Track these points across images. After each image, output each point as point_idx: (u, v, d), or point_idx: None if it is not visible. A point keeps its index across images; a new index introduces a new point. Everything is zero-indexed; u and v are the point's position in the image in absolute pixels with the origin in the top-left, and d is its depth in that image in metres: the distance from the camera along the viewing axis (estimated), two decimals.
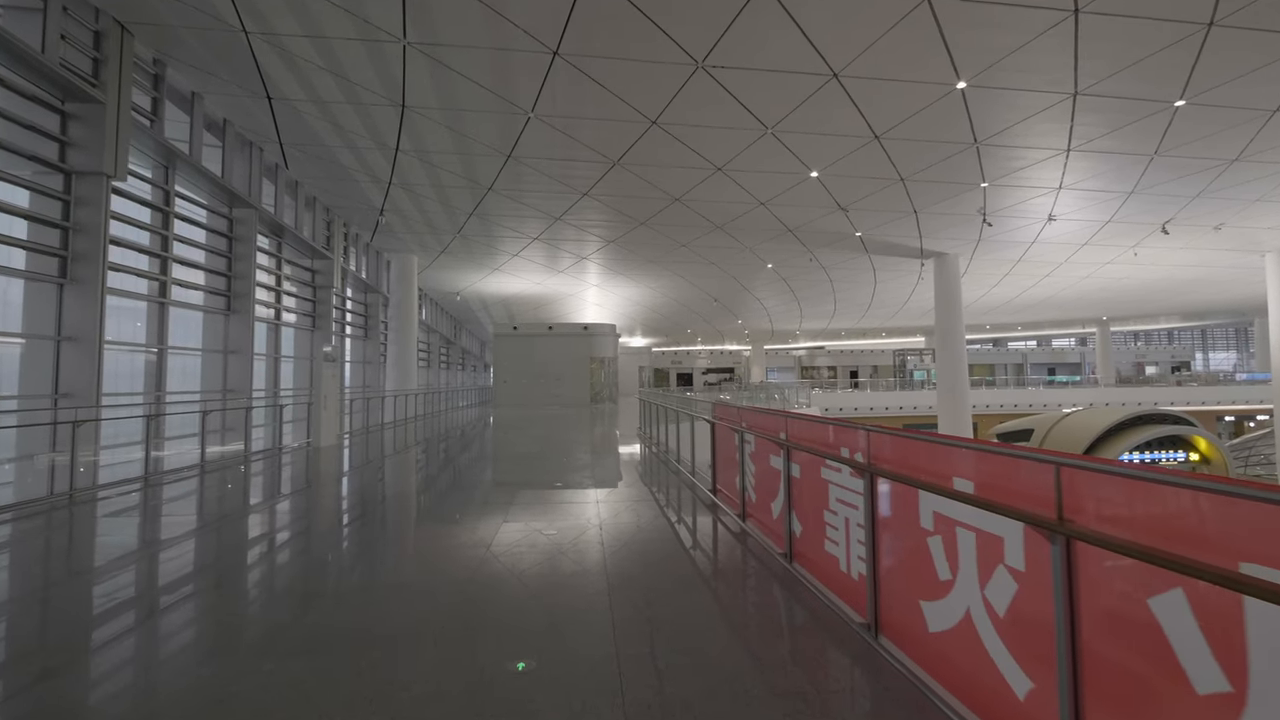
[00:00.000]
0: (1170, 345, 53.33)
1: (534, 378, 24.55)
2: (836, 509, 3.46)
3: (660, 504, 6.09)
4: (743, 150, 11.68)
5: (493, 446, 12.07)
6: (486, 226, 16.45)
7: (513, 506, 5.83)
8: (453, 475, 8.28)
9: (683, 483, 6.80)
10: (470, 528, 5.12)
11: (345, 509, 6.36)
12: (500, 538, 4.74)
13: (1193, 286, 25.81)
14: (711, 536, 5.03)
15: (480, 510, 5.86)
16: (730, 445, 5.41)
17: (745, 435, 5.08)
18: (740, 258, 19.65)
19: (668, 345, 48.46)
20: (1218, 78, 9.40)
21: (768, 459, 4.55)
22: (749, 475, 5.00)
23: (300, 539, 5.04)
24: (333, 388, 10.46)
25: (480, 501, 6.37)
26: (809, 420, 3.83)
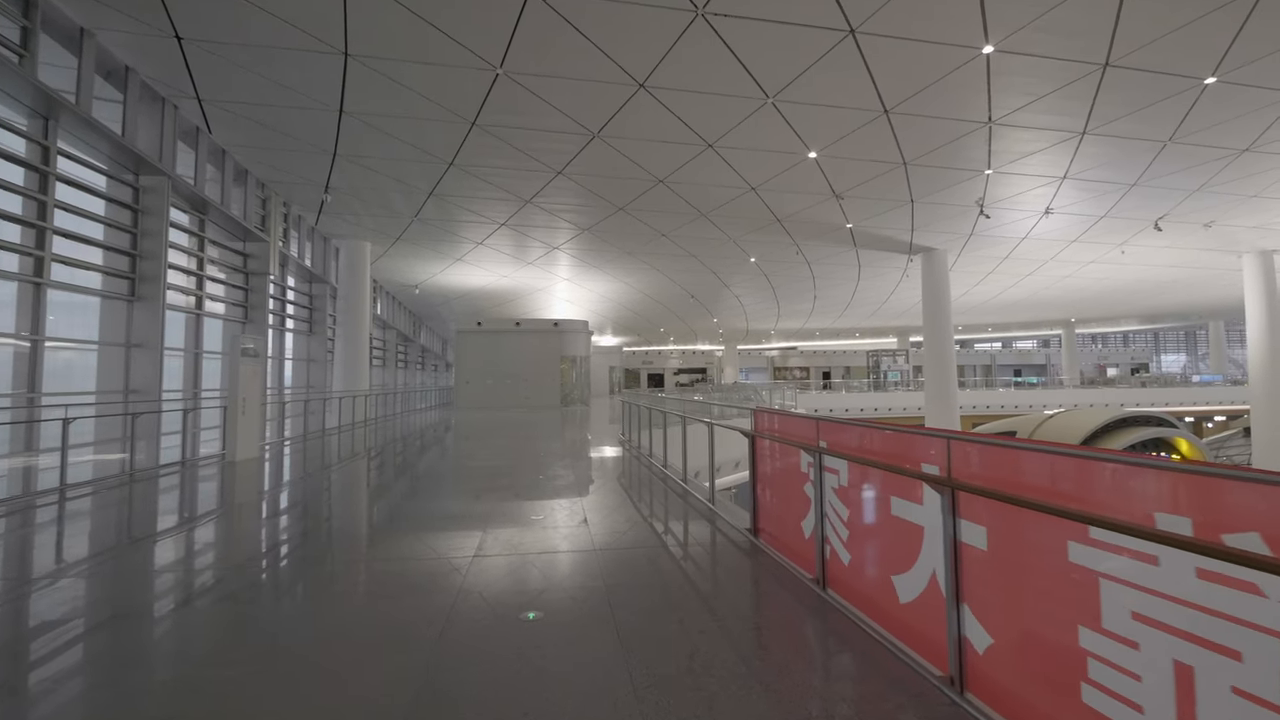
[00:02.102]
0: (1127, 348, 54.67)
1: (500, 378, 22.90)
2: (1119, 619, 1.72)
3: (678, 555, 4.28)
4: (739, 123, 10.47)
5: (449, 460, 10.23)
6: (447, 210, 14.88)
7: (471, 571, 3.73)
8: (390, 508, 5.95)
9: (694, 510, 5.47)
10: (402, 611, 3.18)
11: (214, 568, 4.03)
12: (452, 634, 2.89)
13: (1167, 288, 25.85)
14: (787, 627, 3.11)
15: (421, 576, 3.70)
16: (785, 471, 3.93)
17: (824, 458, 3.36)
18: (722, 250, 18.50)
19: (640, 345, 47.20)
20: (1258, 50, 8.60)
21: (887, 503, 2.84)
22: (835, 522, 3.32)
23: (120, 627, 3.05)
24: (253, 389, 8.77)
25: (421, 558, 4.10)
26: (992, 444, 2.35)
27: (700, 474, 7.04)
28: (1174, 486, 1.42)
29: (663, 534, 4.53)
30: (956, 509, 1.95)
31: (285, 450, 10.95)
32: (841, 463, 2.88)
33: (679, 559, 3.79)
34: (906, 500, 2.41)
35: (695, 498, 5.65)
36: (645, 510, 5.36)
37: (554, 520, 4.87)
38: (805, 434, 3.39)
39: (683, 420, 6.28)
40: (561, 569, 3.67)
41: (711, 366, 50.19)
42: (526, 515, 5.05)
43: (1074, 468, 1.67)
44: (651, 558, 3.80)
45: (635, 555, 3.86)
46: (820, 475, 3.01)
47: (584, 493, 6.01)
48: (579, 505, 5.34)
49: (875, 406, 31.61)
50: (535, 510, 5.30)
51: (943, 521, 1.97)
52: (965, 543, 1.95)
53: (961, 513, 1.95)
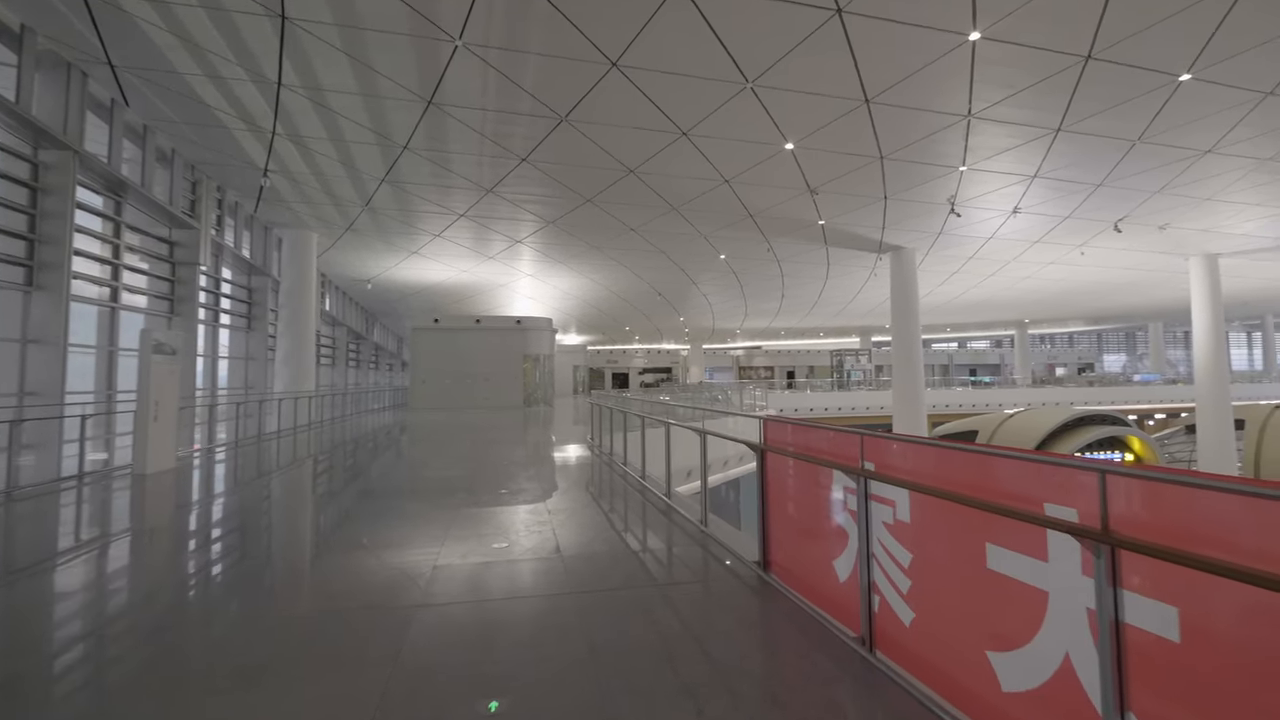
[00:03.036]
0: (1073, 348, 56.78)
1: (458, 377, 21.87)
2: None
3: (674, 598, 3.40)
4: (715, 109, 9.93)
5: (398, 470, 9.08)
6: (402, 198, 13.91)
7: (413, 630, 2.90)
8: (317, 537, 4.93)
9: (682, 533, 4.83)
10: (319, 695, 2.40)
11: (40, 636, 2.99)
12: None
13: (1117, 290, 26.61)
14: (831, 709, 2.35)
15: (346, 642, 2.83)
16: (811, 496, 3.27)
17: (871, 484, 2.63)
18: (692, 246, 18.00)
19: (605, 344, 46.48)
20: (1236, 45, 8.52)
21: (979, 552, 2.09)
22: (888, 567, 2.60)
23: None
24: (168, 390, 7.74)
25: (349, 606, 3.22)
26: (1186, 483, 1.51)
27: (681, 486, 6.46)
28: None
29: (652, 566, 3.90)
30: (1118, 575, 1.39)
31: (213, 459, 9.88)
32: (899, 493, 2.31)
33: (677, 604, 3.12)
34: (1014, 552, 1.82)
35: (681, 515, 5.04)
36: (626, 534, 4.73)
37: (519, 549, 4.17)
38: (842, 451, 2.74)
39: (666, 427, 5.67)
40: (530, 624, 2.96)
41: (677, 366, 49.85)
42: (487, 543, 4.32)
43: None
44: (642, 603, 3.14)
45: (622, 601, 3.20)
46: (866, 506, 2.44)
47: (553, 511, 5.33)
48: (548, 530, 4.66)
49: (839, 406, 31.72)
50: (497, 533, 4.59)
51: (1096, 592, 1.39)
52: (1134, 625, 1.40)
53: (1127, 581, 1.41)
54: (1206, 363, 20.62)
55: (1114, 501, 1.44)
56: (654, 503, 5.65)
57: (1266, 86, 9.66)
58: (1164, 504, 1.36)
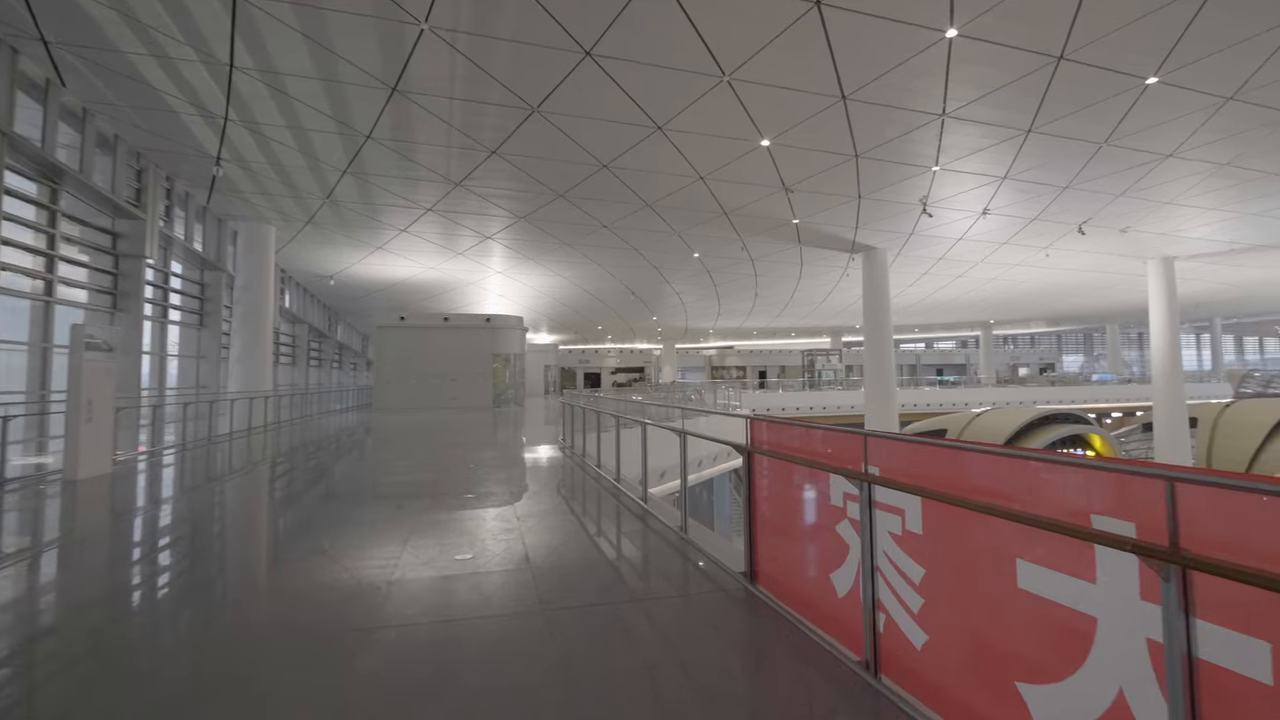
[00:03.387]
0: (1034, 348, 58.38)
1: (425, 377, 21.25)
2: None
3: (655, 613, 3.12)
4: (691, 103, 9.72)
5: (358, 476, 8.47)
6: (366, 191, 13.39)
7: (363, 652, 2.63)
8: (263, 551, 4.52)
9: (660, 539, 4.55)
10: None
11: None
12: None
13: (1077, 291, 27.30)
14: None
15: (286, 679, 2.45)
16: (803, 502, 3.06)
17: (876, 491, 2.34)
18: (666, 244, 17.79)
19: (576, 343, 46.01)
20: (1201, 49, 8.65)
21: (1009, 568, 1.83)
22: (897, 584, 2.32)
23: None
24: (103, 390, 7.17)
25: (289, 637, 2.82)
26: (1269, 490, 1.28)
27: (655, 488, 6.20)
28: None
29: (629, 578, 3.63)
30: (1190, 601, 1.18)
31: (156, 463, 9.28)
32: (910, 500, 2.07)
33: (657, 621, 2.87)
34: (1053, 571, 1.57)
35: (659, 521, 4.79)
36: (601, 541, 4.46)
37: (485, 559, 3.86)
38: (842, 454, 2.50)
39: (642, 427, 5.41)
40: (496, 650, 2.65)
41: (649, 366, 49.66)
42: (450, 553, 4.00)
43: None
44: (621, 620, 2.88)
45: (598, 619, 2.93)
46: (870, 514, 2.21)
47: (523, 517, 5.03)
48: (517, 538, 4.35)
49: (811, 405, 31.93)
50: (462, 542, 4.27)
51: (1164, 621, 1.18)
52: (1211, 662, 1.19)
53: (1201, 609, 1.20)
54: (1163, 363, 21.24)
55: (1185, 514, 1.22)
56: (629, 507, 5.39)
57: (1228, 91, 9.86)
58: (1250, 517, 1.15)
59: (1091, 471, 1.51)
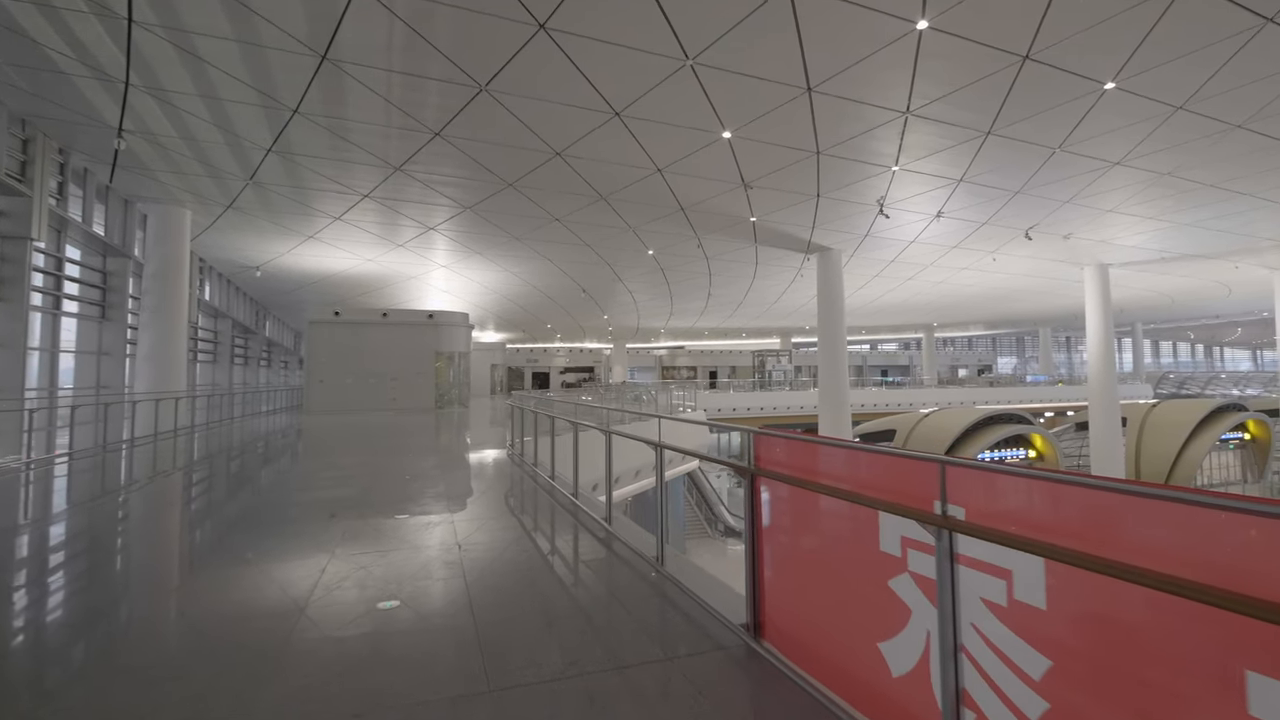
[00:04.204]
0: (972, 351, 60.72)
1: (362, 376, 19.92)
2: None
3: (641, 685, 2.42)
4: (652, 88, 9.15)
5: (275, 490, 7.46)
6: (294, 173, 12.23)
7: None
8: (142, 594, 3.55)
9: (635, 576, 3.81)
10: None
11: None
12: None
13: (1018, 296, 28.22)
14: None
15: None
16: (837, 544, 2.36)
17: (961, 543, 1.72)
18: (620, 241, 17.19)
19: (525, 342, 44.81)
20: (1159, 56, 8.69)
21: (1236, 681, 1.17)
22: (1000, 674, 1.63)
23: None
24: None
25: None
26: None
27: (615, 493, 5.55)
28: None
29: (602, 633, 2.84)
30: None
31: (28, 473, 8.05)
32: (1024, 560, 1.46)
33: (645, 700, 2.23)
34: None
35: (628, 549, 4.10)
36: (560, 575, 3.77)
37: (415, 608, 3.09)
38: (901, 486, 1.87)
39: (606, 435, 4.76)
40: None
41: (599, 365, 48.94)
42: (370, 600, 3.20)
43: None
44: (598, 700, 2.22)
45: (566, 701, 2.23)
46: (951, 574, 1.62)
47: (465, 545, 4.29)
48: (457, 576, 3.57)
49: (761, 406, 31.98)
50: (387, 582, 3.48)
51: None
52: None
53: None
54: (1098, 365, 22.09)
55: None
56: (591, 529, 4.76)
57: (1178, 100, 10.02)
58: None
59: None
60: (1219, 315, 41.92)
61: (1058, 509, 1.49)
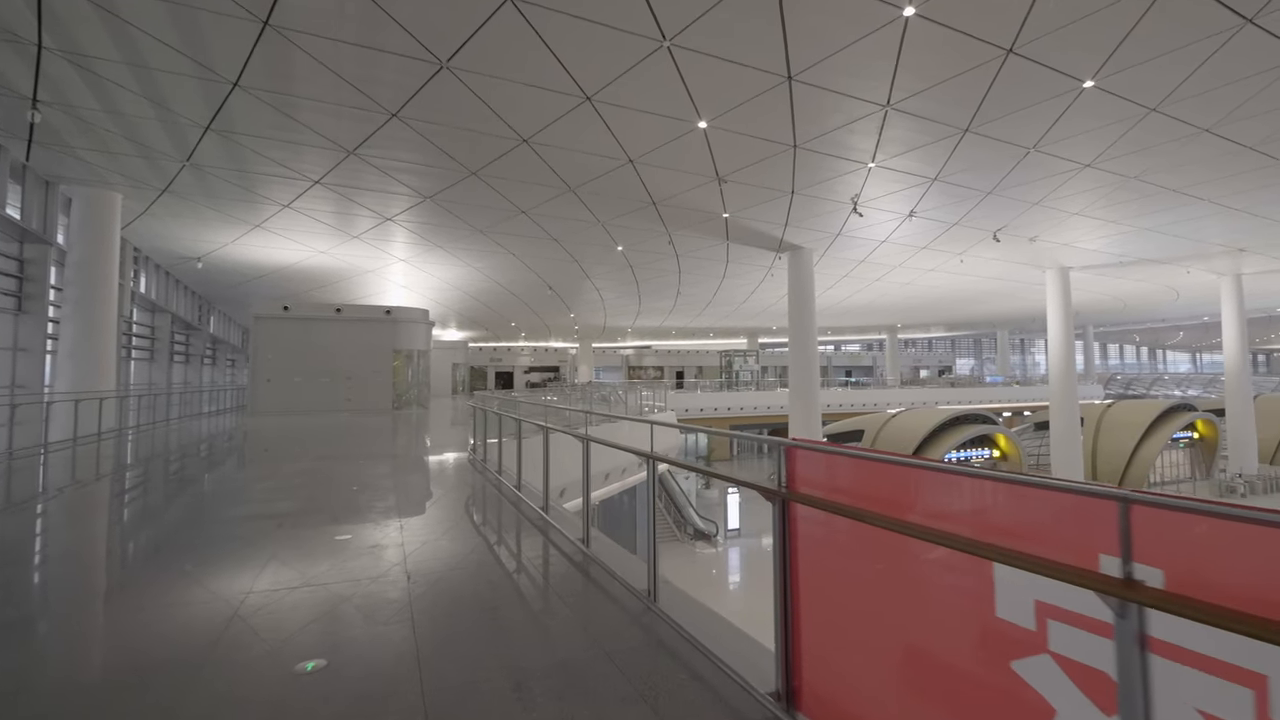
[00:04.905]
0: (932, 352, 62.01)
1: (313, 375, 18.82)
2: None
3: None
4: (626, 70, 8.63)
5: (200, 500, 6.60)
6: (237, 154, 11.30)
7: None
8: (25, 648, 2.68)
9: (618, 610, 3.18)
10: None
11: None
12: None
13: (984, 297, 28.66)
14: None
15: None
16: (914, 595, 1.74)
17: (1147, 614, 1.16)
18: (589, 235, 16.62)
19: (488, 341, 43.70)
20: (1141, 54, 8.58)
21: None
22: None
23: None
24: None
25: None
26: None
27: (574, 503, 4.97)
28: None
29: (589, 700, 2.25)
30: None
31: None
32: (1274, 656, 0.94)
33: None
34: None
35: (611, 578, 3.50)
36: (534, 616, 3.19)
37: (354, 672, 2.47)
38: (1040, 527, 1.36)
39: (584, 444, 4.15)
40: None
41: (565, 365, 48.13)
42: (287, 661, 2.56)
43: None
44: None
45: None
46: (1143, 668, 1.10)
47: (417, 578, 3.58)
48: (405, 622, 2.92)
49: (729, 406, 31.86)
50: (320, 636, 2.80)
51: None
52: None
53: None
54: (1059, 366, 22.49)
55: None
56: (566, 552, 4.15)
57: (1152, 102, 9.99)
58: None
59: None
60: (1165, 319, 43.66)
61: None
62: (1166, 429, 26.55)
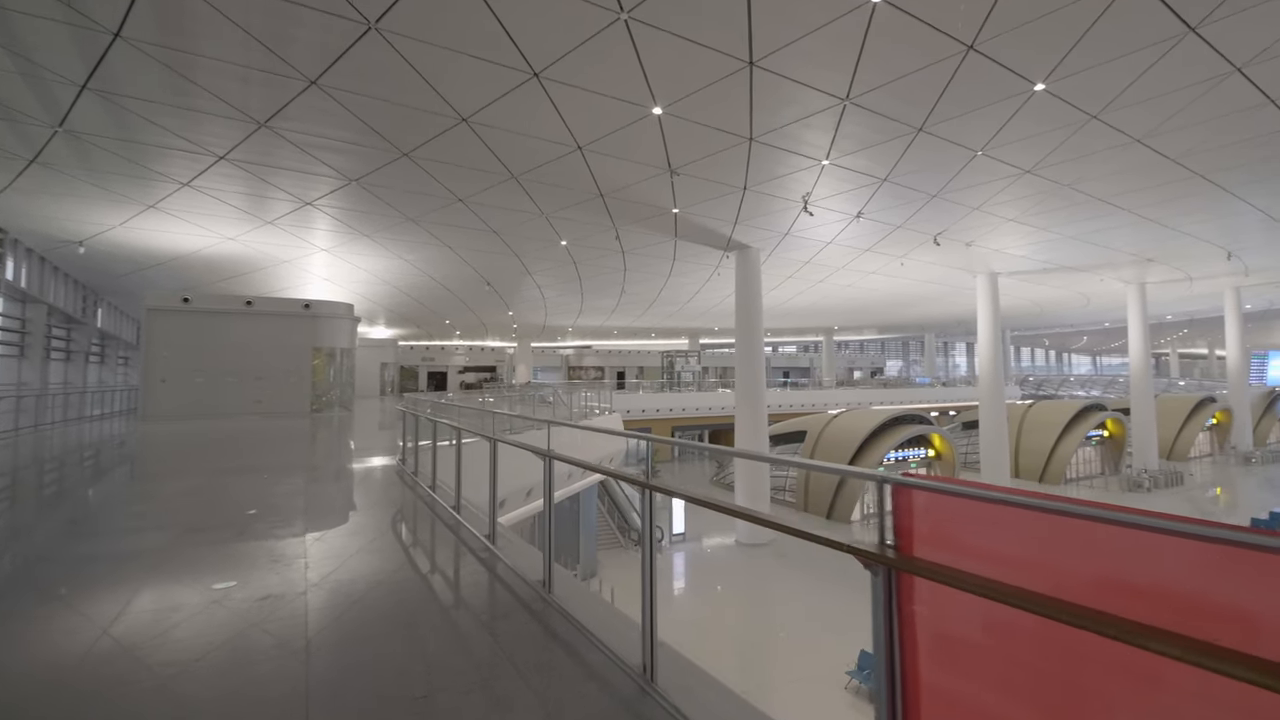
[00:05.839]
0: (864, 354, 64.16)
1: (218, 374, 16.94)
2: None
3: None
4: (579, 45, 7.91)
5: (46, 529, 5.15)
6: (123, 122, 9.80)
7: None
8: None
9: (605, 696, 2.24)
10: None
11: None
12: None
13: (918, 301, 29.54)
14: None
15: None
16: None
17: None
18: (531, 228, 15.73)
19: (420, 339, 41.62)
20: (1091, 59, 8.63)
21: None
22: None
23: None
24: None
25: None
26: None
27: (510, 516, 4.18)
28: None
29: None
30: None
31: None
32: None
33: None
34: None
35: (582, 635, 2.71)
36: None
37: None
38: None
39: (546, 460, 3.33)
40: None
41: (502, 365, 46.56)
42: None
43: None
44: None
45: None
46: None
47: (319, 653, 2.61)
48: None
49: (670, 407, 31.55)
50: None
51: None
52: None
53: None
54: (988, 368, 23.32)
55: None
56: (523, 600, 3.22)
57: (1095, 109, 10.16)
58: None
59: None
60: (1073, 324, 46.72)
61: None
62: (1082, 428, 28.19)
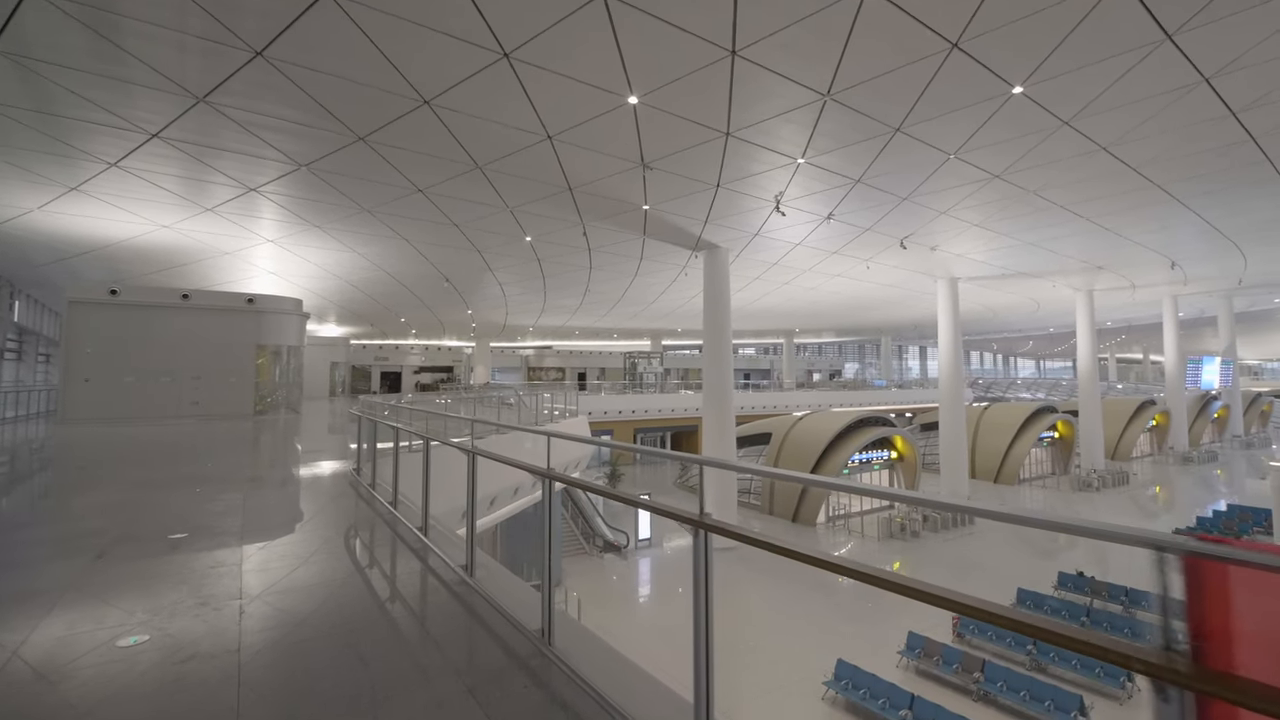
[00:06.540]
0: (822, 356, 65.20)
1: (150, 374, 15.62)
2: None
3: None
4: (554, 24, 7.42)
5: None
6: (39, 91, 8.78)
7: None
8: None
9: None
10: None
11: None
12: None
13: (879, 304, 29.93)
14: None
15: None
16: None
17: None
18: (495, 222, 15.07)
19: (372, 337, 40.03)
20: (1070, 63, 8.62)
21: None
22: None
23: None
24: None
25: None
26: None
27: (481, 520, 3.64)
28: None
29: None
30: None
31: None
32: None
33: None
34: None
35: (580, 693, 2.40)
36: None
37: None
38: None
39: (545, 481, 2.75)
40: None
41: (459, 365, 45.26)
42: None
43: None
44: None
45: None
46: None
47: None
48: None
49: (633, 409, 31.15)
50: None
51: None
52: None
53: None
54: (948, 371, 23.72)
55: None
56: (513, 649, 2.65)
57: (1067, 115, 10.23)
58: None
59: None
60: (1020, 329, 48.42)
61: None
62: (1035, 429, 29.10)
